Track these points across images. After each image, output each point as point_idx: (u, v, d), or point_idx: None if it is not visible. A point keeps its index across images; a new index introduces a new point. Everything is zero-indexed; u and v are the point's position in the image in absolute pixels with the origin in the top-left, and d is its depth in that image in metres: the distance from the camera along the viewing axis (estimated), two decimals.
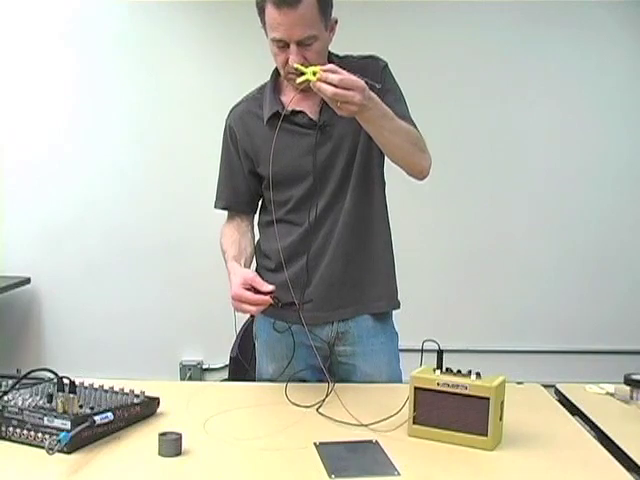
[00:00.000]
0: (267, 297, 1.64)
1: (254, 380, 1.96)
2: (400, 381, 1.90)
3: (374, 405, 1.64)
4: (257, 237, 2.00)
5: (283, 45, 1.69)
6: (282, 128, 1.81)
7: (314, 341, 1.87)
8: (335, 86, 1.53)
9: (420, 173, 1.83)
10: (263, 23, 1.72)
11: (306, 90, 1.79)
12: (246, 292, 1.65)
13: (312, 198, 1.82)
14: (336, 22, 1.77)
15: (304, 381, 1.83)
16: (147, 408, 1.54)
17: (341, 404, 1.65)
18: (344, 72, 1.54)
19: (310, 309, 1.83)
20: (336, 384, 1.76)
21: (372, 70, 1.84)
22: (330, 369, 1.89)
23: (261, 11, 1.70)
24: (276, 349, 1.89)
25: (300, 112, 1.82)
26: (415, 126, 1.85)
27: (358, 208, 1.86)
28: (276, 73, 1.88)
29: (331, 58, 1.84)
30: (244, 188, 1.93)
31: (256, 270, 2.00)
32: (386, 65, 1.88)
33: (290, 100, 1.79)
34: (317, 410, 1.61)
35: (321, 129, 1.81)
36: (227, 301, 1.95)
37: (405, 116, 1.83)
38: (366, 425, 1.51)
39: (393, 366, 1.93)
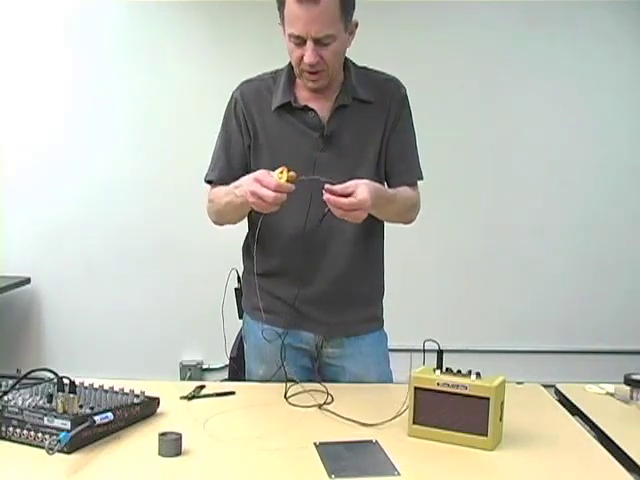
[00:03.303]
0: (291, 185, 1.59)
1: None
2: (390, 381, 1.91)
3: (372, 405, 1.64)
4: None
5: (300, 42, 1.66)
6: (288, 121, 1.80)
7: (302, 343, 1.88)
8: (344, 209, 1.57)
9: (405, 224, 1.91)
10: (282, 18, 1.69)
11: (320, 91, 1.79)
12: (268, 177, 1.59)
13: (308, 203, 1.77)
14: (356, 25, 1.74)
15: (294, 382, 1.83)
16: (147, 408, 1.54)
17: (340, 404, 1.65)
18: (351, 188, 1.57)
19: (296, 319, 1.85)
20: (334, 384, 1.77)
21: (391, 93, 1.85)
22: (319, 370, 1.89)
23: (281, 5, 1.67)
24: (265, 352, 1.88)
25: (311, 110, 1.79)
26: (418, 165, 1.89)
27: (357, 229, 1.84)
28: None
29: (347, 64, 1.82)
30: (240, 163, 1.85)
31: (243, 273, 1.99)
32: (406, 94, 1.88)
33: (302, 95, 1.80)
34: (319, 407, 1.61)
35: (326, 137, 1.79)
36: (227, 301, 1.96)
37: (413, 160, 1.87)
38: (366, 425, 1.51)
39: (382, 367, 1.93)
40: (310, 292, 1.84)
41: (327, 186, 1.57)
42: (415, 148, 1.90)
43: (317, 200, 1.78)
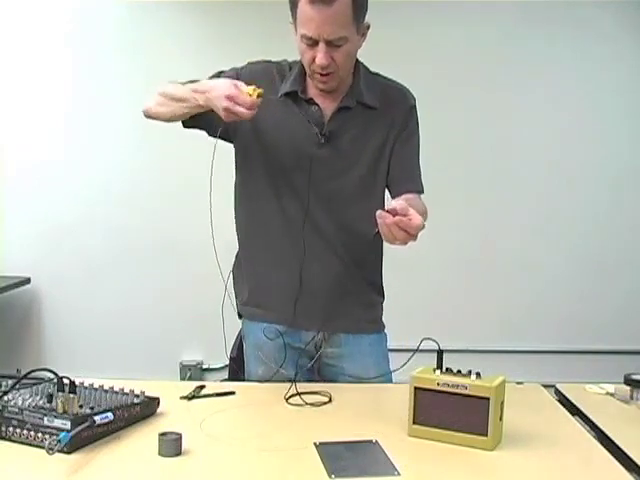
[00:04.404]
0: (258, 99, 1.59)
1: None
2: (390, 382, 1.90)
3: (373, 405, 1.64)
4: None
5: (312, 43, 1.66)
6: (292, 110, 1.80)
7: (301, 342, 1.88)
8: (409, 233, 1.49)
9: None
10: (294, 18, 1.68)
11: (329, 91, 1.79)
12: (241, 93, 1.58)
13: (304, 192, 1.80)
14: (368, 27, 1.74)
15: (293, 382, 1.83)
16: (147, 408, 1.54)
17: (340, 404, 1.65)
18: (405, 210, 1.48)
19: (292, 315, 1.84)
20: (334, 384, 1.77)
21: (398, 102, 1.84)
22: (318, 370, 1.89)
23: (293, 5, 1.66)
24: (264, 351, 1.88)
25: (315, 104, 1.79)
26: (420, 176, 1.87)
27: (355, 227, 1.84)
28: None
29: (358, 67, 1.82)
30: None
31: (238, 267, 1.97)
32: (414, 105, 1.87)
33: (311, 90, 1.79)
34: (319, 407, 1.61)
35: (325, 135, 1.79)
36: (227, 301, 1.96)
37: (415, 171, 1.86)
38: (366, 425, 1.51)
39: (382, 367, 1.92)
40: (307, 288, 1.84)
41: (390, 206, 1.50)
42: (417, 160, 1.89)
43: (316, 200, 1.80)
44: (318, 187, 1.80)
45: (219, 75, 1.86)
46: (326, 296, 1.86)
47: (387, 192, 1.89)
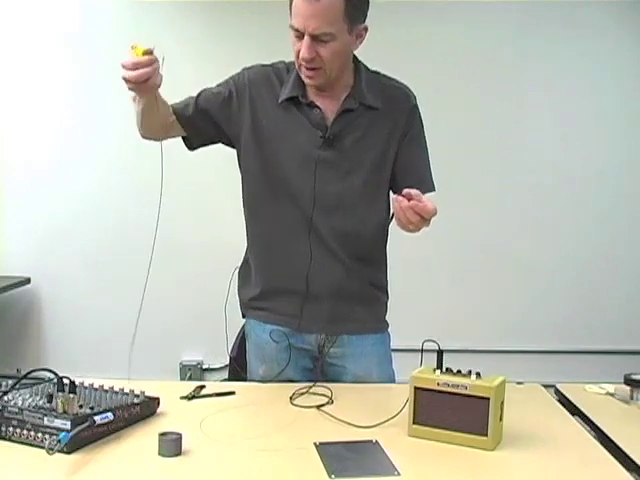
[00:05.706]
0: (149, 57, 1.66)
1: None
2: (393, 382, 1.90)
3: (373, 405, 1.64)
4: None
5: (299, 35, 1.66)
6: (293, 115, 1.79)
7: (304, 343, 1.87)
8: (423, 218, 1.55)
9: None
10: (290, 9, 1.70)
11: (323, 89, 1.78)
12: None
13: (310, 196, 1.79)
14: (366, 30, 1.73)
15: (294, 382, 1.83)
16: (147, 408, 1.54)
17: (341, 404, 1.65)
18: (419, 196, 1.55)
19: (298, 317, 1.84)
20: (335, 384, 1.77)
21: (400, 102, 1.84)
22: (321, 369, 1.89)
23: None
24: (266, 351, 1.89)
25: (317, 107, 1.79)
26: (431, 176, 1.90)
27: (359, 228, 1.84)
28: None
29: (359, 67, 1.82)
30: (198, 119, 1.91)
31: (245, 267, 1.98)
32: (416, 104, 1.87)
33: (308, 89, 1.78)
34: (319, 408, 1.61)
35: (328, 138, 1.78)
36: (228, 301, 1.96)
37: (426, 171, 1.87)
38: (366, 426, 1.51)
39: (384, 367, 1.92)
40: (313, 291, 1.84)
41: (405, 191, 1.55)
42: (427, 159, 1.89)
43: (320, 202, 1.80)
44: (323, 190, 1.79)
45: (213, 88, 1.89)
46: (331, 299, 1.85)
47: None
